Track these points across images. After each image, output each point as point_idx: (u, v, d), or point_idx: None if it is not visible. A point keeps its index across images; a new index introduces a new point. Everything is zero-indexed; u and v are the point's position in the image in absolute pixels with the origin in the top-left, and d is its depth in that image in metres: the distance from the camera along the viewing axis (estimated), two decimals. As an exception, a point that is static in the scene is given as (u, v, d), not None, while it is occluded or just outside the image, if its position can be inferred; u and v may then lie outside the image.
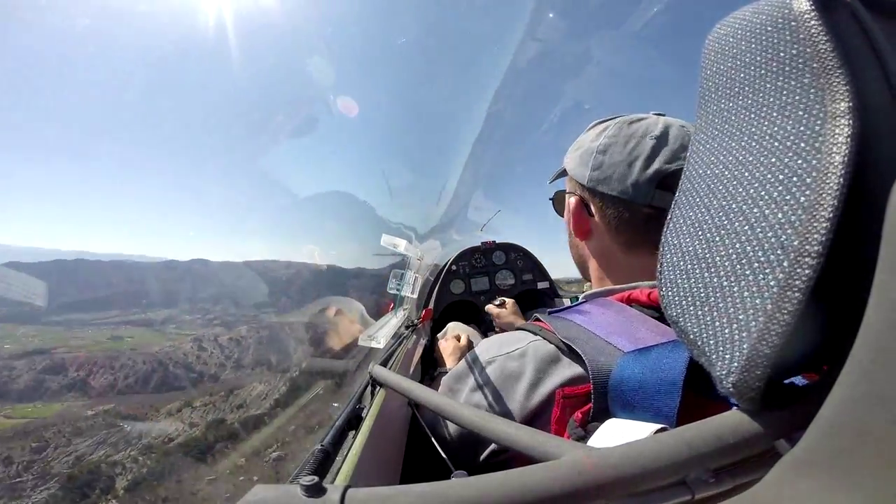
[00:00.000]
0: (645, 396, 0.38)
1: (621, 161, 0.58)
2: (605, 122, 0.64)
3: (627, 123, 0.60)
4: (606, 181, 0.59)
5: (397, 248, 1.06)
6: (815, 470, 0.20)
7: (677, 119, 0.61)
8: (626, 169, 0.57)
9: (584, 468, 0.24)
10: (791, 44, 0.23)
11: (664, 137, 0.57)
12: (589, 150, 0.61)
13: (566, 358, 0.51)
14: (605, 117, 0.65)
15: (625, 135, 0.59)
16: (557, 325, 0.53)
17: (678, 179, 0.53)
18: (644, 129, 0.58)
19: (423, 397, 0.54)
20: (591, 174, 0.60)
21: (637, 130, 0.59)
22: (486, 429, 0.41)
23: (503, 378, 0.55)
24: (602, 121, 0.65)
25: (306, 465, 0.49)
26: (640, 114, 0.63)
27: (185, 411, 45.87)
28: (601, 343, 0.47)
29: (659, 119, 0.60)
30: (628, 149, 0.58)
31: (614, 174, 0.58)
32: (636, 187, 0.56)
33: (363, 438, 0.57)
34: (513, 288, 1.99)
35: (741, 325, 0.23)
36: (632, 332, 0.47)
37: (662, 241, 0.32)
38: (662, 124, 0.58)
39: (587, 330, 0.50)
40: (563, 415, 0.45)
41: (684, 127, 0.58)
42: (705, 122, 0.30)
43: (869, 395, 0.18)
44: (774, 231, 0.22)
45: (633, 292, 0.54)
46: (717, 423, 0.25)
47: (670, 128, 0.58)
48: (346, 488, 0.25)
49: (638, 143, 0.57)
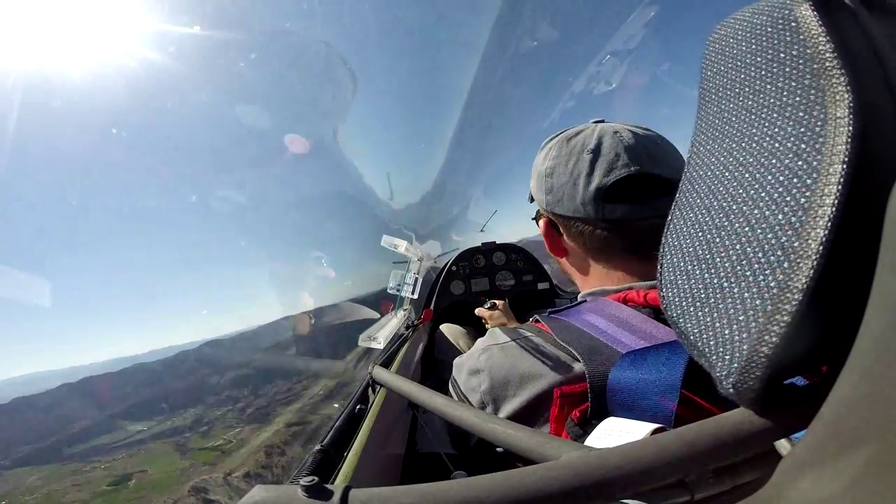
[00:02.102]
0: (643, 398, 0.38)
1: (567, 182, 0.59)
2: (552, 140, 0.66)
3: (566, 140, 0.62)
4: (560, 203, 0.60)
5: (397, 248, 1.06)
6: (815, 470, 0.20)
7: (613, 124, 0.62)
8: (572, 189, 0.59)
9: (583, 468, 0.24)
10: (791, 45, 0.23)
11: (598, 150, 0.58)
12: (540, 173, 0.64)
13: (563, 355, 0.51)
14: (553, 133, 0.67)
15: (565, 154, 0.61)
16: (554, 327, 0.53)
17: (622, 189, 0.56)
18: (581, 145, 0.60)
19: (423, 398, 0.54)
20: (547, 198, 0.62)
21: (575, 147, 0.60)
22: (485, 429, 0.41)
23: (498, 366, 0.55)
24: (550, 138, 0.67)
25: (306, 465, 0.49)
26: (579, 126, 0.64)
27: None
28: (599, 344, 0.47)
29: (595, 129, 0.61)
30: (569, 168, 0.59)
31: (564, 196, 0.60)
32: (585, 205, 0.57)
33: (363, 439, 0.57)
34: (513, 289, 1.99)
35: (741, 325, 0.23)
36: (630, 332, 0.47)
37: (663, 242, 0.32)
38: (597, 136, 0.59)
39: (584, 332, 0.50)
40: (561, 413, 0.45)
41: (617, 132, 0.59)
42: (705, 123, 0.31)
43: (869, 395, 0.18)
44: (774, 232, 0.22)
45: (629, 293, 0.54)
46: (716, 424, 0.25)
47: (603, 138, 0.59)
48: (347, 488, 0.25)
49: (577, 161, 0.59)
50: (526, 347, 0.54)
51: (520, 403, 0.51)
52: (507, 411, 0.52)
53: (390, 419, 0.74)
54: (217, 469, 34.78)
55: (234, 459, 34.77)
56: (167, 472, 38.16)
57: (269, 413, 45.61)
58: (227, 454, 37.24)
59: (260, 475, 30.13)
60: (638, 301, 0.53)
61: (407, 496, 0.24)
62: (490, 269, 2.02)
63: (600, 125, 0.62)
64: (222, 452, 38.08)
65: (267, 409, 46.66)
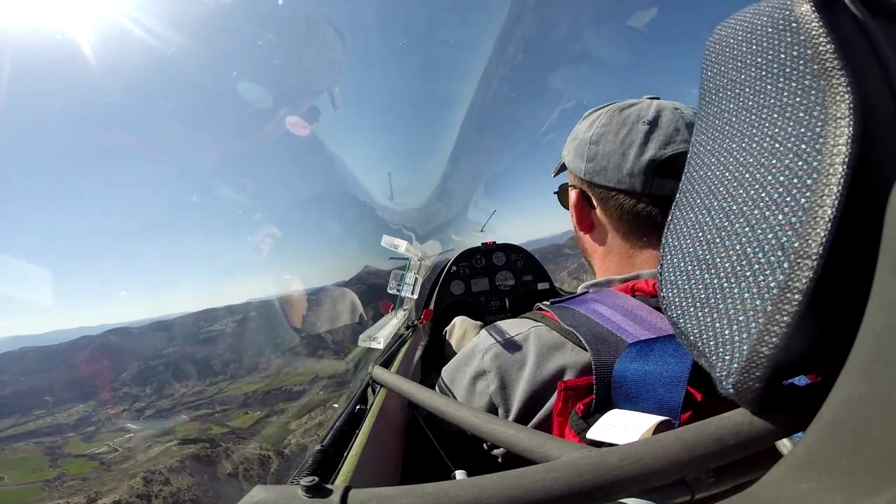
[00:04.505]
0: (649, 389, 0.37)
1: (615, 150, 0.56)
2: (598, 110, 0.62)
3: (619, 110, 0.58)
4: (602, 172, 0.57)
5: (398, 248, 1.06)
6: (815, 470, 0.20)
7: (672, 101, 0.59)
8: (620, 158, 0.55)
9: (583, 468, 0.24)
10: (792, 45, 0.23)
11: (657, 122, 0.55)
12: (583, 141, 0.60)
13: (570, 343, 0.50)
14: (599, 105, 0.64)
15: (617, 122, 0.57)
16: (561, 315, 0.52)
17: (676, 165, 0.52)
18: (636, 115, 0.57)
19: (423, 398, 0.54)
20: (587, 166, 0.59)
21: (629, 116, 0.57)
22: (484, 429, 0.41)
23: (505, 363, 0.54)
24: (595, 109, 0.63)
25: (306, 465, 0.49)
26: (632, 99, 0.61)
27: None
28: (605, 332, 0.46)
29: (652, 103, 0.58)
30: (621, 136, 0.56)
31: (609, 164, 0.56)
32: (633, 176, 0.54)
33: (363, 439, 0.57)
34: (513, 289, 1.99)
35: (741, 326, 0.23)
36: (636, 322, 0.47)
37: (663, 243, 0.32)
38: (655, 108, 0.57)
39: (591, 319, 0.49)
40: (565, 406, 0.44)
41: (678, 109, 0.57)
42: (706, 123, 0.31)
43: (869, 395, 0.18)
44: (775, 232, 0.22)
45: (638, 282, 0.53)
46: (717, 424, 0.25)
47: (663, 111, 0.56)
48: (348, 488, 0.25)
49: (630, 130, 0.56)
50: (532, 336, 0.53)
51: (528, 394, 0.50)
52: (517, 406, 0.51)
53: (390, 419, 0.74)
54: (82, 491, 26.46)
55: (111, 475, 26.80)
56: (27, 482, 29.61)
57: (170, 418, 36.86)
58: (107, 467, 28.57)
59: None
60: (647, 290, 0.51)
61: (407, 496, 0.24)
62: (490, 269, 2.02)
63: (657, 100, 0.59)
64: (101, 463, 29.55)
65: (169, 413, 37.83)
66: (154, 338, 52.68)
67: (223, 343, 48.76)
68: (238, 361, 46.10)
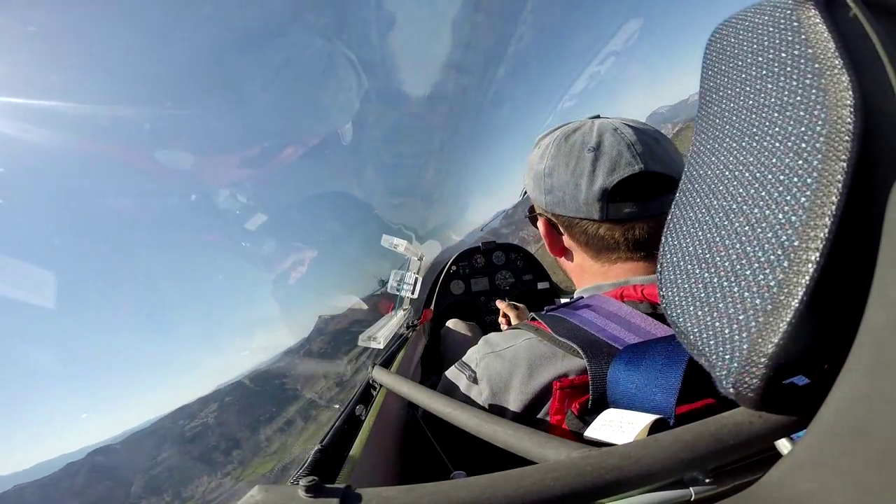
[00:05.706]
0: (643, 392, 0.38)
1: (568, 181, 0.58)
2: (547, 136, 0.65)
3: (564, 138, 0.61)
4: (561, 204, 0.60)
5: (397, 248, 1.07)
6: (815, 470, 0.20)
7: (611, 120, 0.61)
8: (574, 189, 0.58)
9: (583, 468, 0.24)
10: (793, 44, 0.23)
11: (599, 147, 0.57)
12: (538, 173, 0.63)
13: (561, 352, 0.51)
14: (546, 130, 0.66)
15: (564, 152, 0.60)
16: (553, 325, 0.53)
17: (627, 187, 0.55)
18: (581, 142, 0.59)
19: (422, 398, 0.54)
20: (547, 199, 0.62)
21: (574, 145, 0.59)
22: (484, 430, 0.41)
23: (495, 375, 0.55)
24: (545, 135, 0.66)
25: (306, 465, 0.49)
26: (575, 122, 0.63)
27: None
28: (597, 339, 0.47)
29: (594, 125, 0.60)
30: (571, 168, 0.58)
31: (565, 196, 0.59)
32: (588, 205, 0.57)
33: (363, 439, 0.57)
34: (513, 288, 1.99)
35: (741, 325, 0.23)
36: (626, 329, 0.48)
37: (662, 242, 0.32)
38: (597, 132, 0.59)
39: (582, 327, 0.50)
40: (562, 406, 0.45)
41: (617, 130, 0.58)
42: (706, 122, 0.31)
43: (869, 395, 0.18)
44: (775, 231, 0.22)
45: (626, 289, 0.54)
46: (716, 424, 0.25)
47: (604, 134, 0.58)
48: (347, 488, 0.25)
49: (578, 160, 0.58)
50: (523, 348, 0.54)
51: (522, 404, 0.51)
52: (510, 416, 0.52)
53: (390, 419, 0.74)
54: None
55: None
56: None
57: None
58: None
59: None
60: (635, 297, 0.52)
61: (407, 496, 0.24)
62: (490, 269, 2.02)
63: (598, 121, 0.61)
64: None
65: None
66: (140, 448, 48.43)
67: (213, 434, 45.87)
68: (238, 447, 44.13)
